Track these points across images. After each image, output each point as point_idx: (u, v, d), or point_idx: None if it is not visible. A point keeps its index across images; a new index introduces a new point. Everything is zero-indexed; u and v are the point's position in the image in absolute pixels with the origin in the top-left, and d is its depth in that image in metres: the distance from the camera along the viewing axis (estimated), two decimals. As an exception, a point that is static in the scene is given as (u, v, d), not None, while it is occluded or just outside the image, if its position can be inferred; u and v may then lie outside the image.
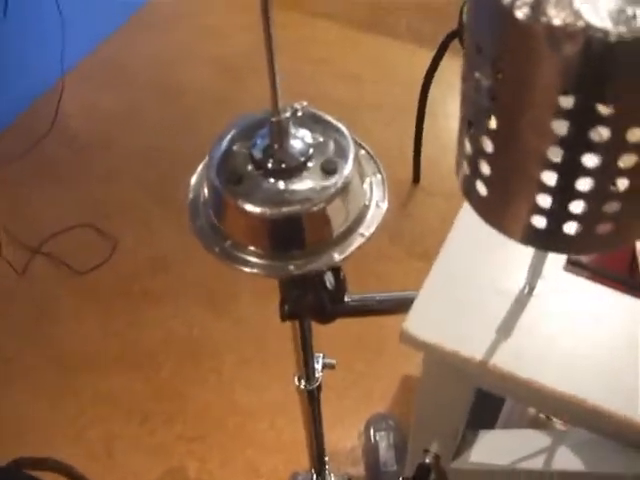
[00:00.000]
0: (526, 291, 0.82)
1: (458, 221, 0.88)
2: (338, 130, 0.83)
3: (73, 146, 2.76)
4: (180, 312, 2.28)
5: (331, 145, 0.81)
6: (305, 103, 0.80)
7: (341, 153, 0.80)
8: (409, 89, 2.42)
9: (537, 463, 0.98)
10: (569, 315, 0.81)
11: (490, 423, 1.34)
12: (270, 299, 1.03)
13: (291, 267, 0.79)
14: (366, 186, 0.83)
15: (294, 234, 0.79)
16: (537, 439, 1.00)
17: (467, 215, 0.86)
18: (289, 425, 1.99)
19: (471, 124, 0.58)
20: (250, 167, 0.80)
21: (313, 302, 0.88)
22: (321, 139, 0.81)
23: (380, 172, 0.85)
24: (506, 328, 0.79)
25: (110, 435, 2.02)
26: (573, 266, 0.87)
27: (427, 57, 2.23)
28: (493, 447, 1.06)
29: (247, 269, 0.81)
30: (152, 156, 2.64)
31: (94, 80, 3.02)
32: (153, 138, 2.72)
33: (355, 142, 0.82)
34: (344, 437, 1.95)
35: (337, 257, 0.79)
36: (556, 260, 0.85)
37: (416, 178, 2.46)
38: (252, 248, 0.81)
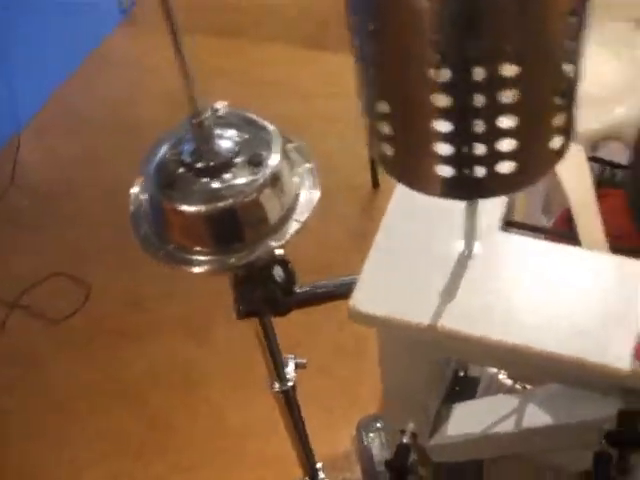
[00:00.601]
0: (466, 253, 0.84)
1: (394, 197, 0.90)
2: (263, 126, 0.85)
3: (36, 196, 2.77)
4: (162, 346, 2.29)
5: (257, 140, 0.83)
6: (225, 103, 0.83)
7: (267, 147, 0.83)
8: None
9: (509, 425, 1.00)
10: (510, 271, 0.83)
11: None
12: (248, 322, 1.06)
13: (233, 260, 0.81)
14: (296, 175, 0.85)
15: (231, 227, 0.81)
16: (508, 402, 1.02)
17: (401, 189, 0.89)
18: (283, 441, 1.98)
19: (367, 90, 0.61)
20: (182, 170, 0.82)
21: (265, 296, 0.91)
22: (247, 136, 0.83)
23: (309, 162, 0.88)
24: (450, 291, 0.81)
25: (108, 474, 2.03)
26: (509, 225, 0.90)
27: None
28: (467, 418, 1.07)
29: (192, 269, 0.83)
30: (116, 196, 2.64)
31: (51, 129, 3.04)
32: (116, 178, 2.72)
33: (281, 135, 0.85)
34: (338, 444, 1.96)
35: (275, 244, 0.82)
36: (492, 221, 0.87)
37: (375, 183, 2.49)
38: (195, 248, 0.83)
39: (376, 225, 0.85)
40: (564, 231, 0.92)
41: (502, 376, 1.29)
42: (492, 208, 0.87)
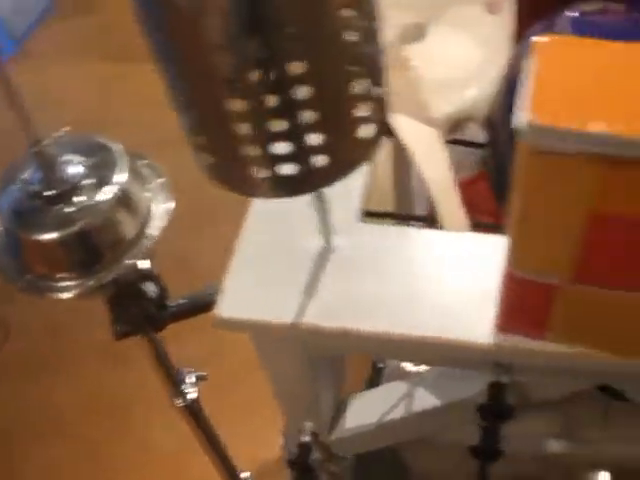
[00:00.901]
0: (324, 248, 0.85)
1: (252, 201, 0.91)
2: (109, 147, 0.86)
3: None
4: (86, 374, 2.29)
5: (104, 161, 0.84)
6: (68, 128, 0.83)
7: (114, 167, 0.83)
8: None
9: (401, 411, 1.02)
10: (371, 260, 0.84)
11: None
12: (169, 342, 1.07)
13: (91, 282, 0.81)
14: (148, 191, 0.86)
15: (86, 250, 0.81)
16: (400, 388, 1.04)
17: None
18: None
19: (175, 102, 0.62)
20: (32, 199, 0.82)
21: (139, 313, 0.91)
22: (93, 158, 0.84)
23: (161, 176, 0.88)
24: (312, 287, 0.82)
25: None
26: (368, 216, 0.92)
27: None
28: (363, 409, 1.09)
29: (57, 295, 0.83)
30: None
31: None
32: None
33: (128, 154, 0.85)
34: (268, 453, 1.96)
35: (134, 260, 0.82)
36: (349, 213, 0.89)
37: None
38: (55, 274, 0.83)
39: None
40: (424, 216, 0.94)
41: (405, 364, 1.32)
42: (348, 200, 0.89)
